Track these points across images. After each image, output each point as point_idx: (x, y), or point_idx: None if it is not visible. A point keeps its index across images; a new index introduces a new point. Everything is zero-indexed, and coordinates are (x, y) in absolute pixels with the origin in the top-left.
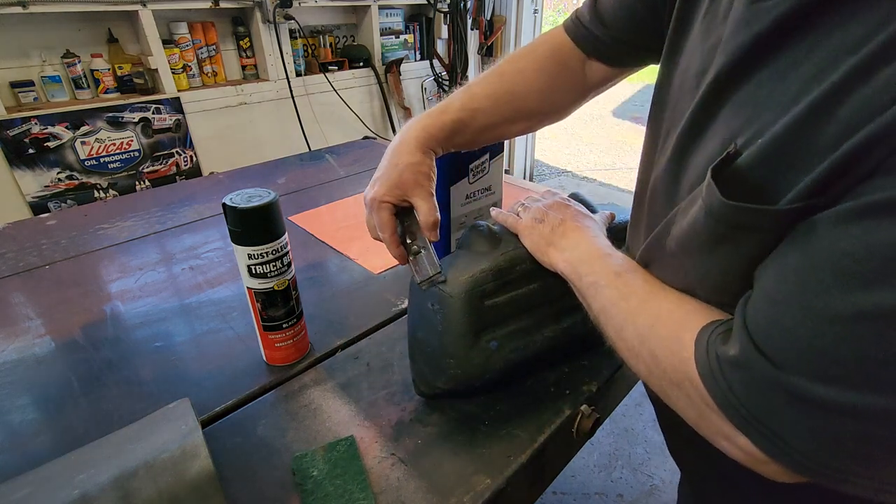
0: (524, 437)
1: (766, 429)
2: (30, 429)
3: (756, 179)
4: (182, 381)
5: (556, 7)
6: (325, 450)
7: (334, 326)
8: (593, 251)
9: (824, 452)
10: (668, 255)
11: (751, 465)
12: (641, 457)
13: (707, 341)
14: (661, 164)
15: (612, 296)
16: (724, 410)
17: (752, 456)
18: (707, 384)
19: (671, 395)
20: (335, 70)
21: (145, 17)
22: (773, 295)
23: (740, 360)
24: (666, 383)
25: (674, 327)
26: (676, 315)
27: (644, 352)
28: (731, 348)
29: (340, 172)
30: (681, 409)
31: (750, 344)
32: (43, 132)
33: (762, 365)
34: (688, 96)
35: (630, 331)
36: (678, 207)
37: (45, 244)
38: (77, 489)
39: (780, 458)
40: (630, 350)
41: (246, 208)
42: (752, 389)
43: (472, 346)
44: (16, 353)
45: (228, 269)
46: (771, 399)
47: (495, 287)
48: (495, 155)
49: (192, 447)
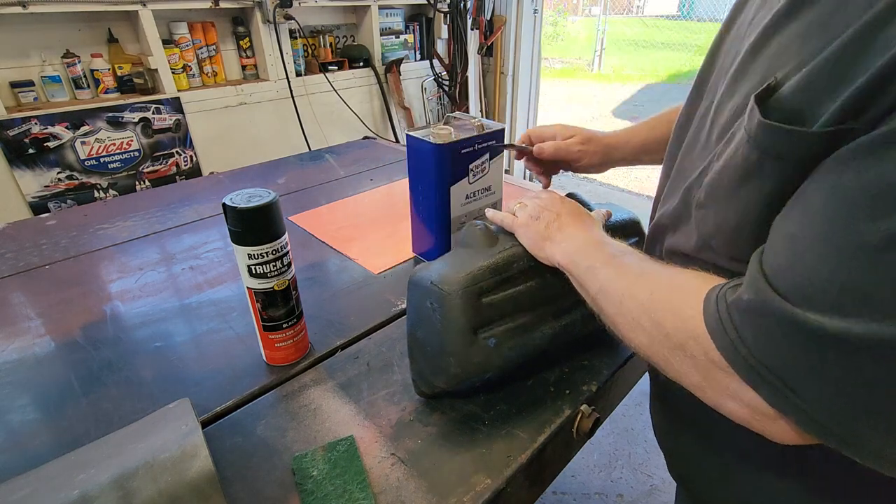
0: (524, 437)
1: (777, 379)
2: (30, 429)
3: (794, 107)
4: (182, 381)
5: (556, 7)
6: (325, 450)
7: (334, 326)
8: (589, 240)
9: (835, 403)
10: (695, 208)
11: (757, 424)
12: (641, 457)
13: (716, 296)
14: (698, 118)
15: (609, 275)
16: (732, 363)
17: (759, 412)
18: (715, 337)
19: (673, 362)
20: (335, 70)
21: (145, 17)
22: (795, 234)
23: (754, 303)
24: (668, 349)
25: (676, 292)
26: (678, 281)
27: (645, 320)
28: (744, 294)
29: (340, 172)
30: (683, 375)
31: (766, 286)
32: (43, 132)
33: (778, 305)
34: (734, 50)
35: (630, 303)
36: (715, 152)
37: (45, 244)
38: (77, 489)
39: (789, 412)
40: (631, 322)
41: (246, 208)
42: (764, 335)
43: (471, 344)
44: (16, 353)
45: (228, 269)
46: (784, 343)
47: (493, 284)
48: (495, 155)
49: (192, 447)
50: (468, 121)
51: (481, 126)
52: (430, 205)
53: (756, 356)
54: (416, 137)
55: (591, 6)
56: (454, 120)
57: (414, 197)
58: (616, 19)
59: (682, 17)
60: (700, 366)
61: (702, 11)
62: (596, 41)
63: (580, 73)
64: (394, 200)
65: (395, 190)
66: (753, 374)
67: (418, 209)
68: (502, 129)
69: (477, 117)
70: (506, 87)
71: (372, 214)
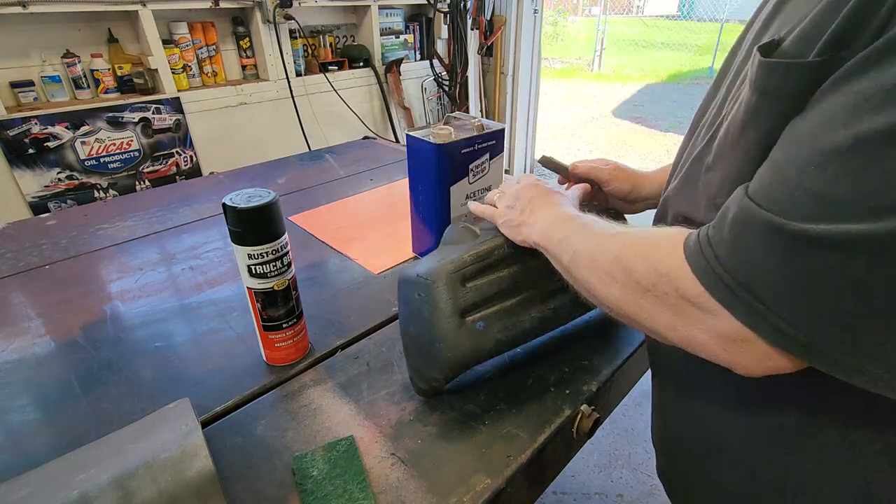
0: (524, 437)
1: (751, 295)
2: (30, 429)
3: (793, 53)
4: (182, 381)
5: (556, 7)
6: (324, 449)
7: (334, 326)
8: (560, 216)
9: (810, 314)
10: (704, 172)
11: (725, 355)
12: (641, 457)
13: (697, 232)
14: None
15: (580, 239)
16: (705, 284)
17: (728, 339)
18: (691, 262)
19: (645, 306)
20: (335, 70)
21: (145, 17)
22: (779, 157)
23: (737, 216)
24: (640, 294)
25: (647, 240)
26: (649, 232)
27: (617, 270)
28: (728, 212)
29: (340, 172)
30: (655, 318)
31: (749, 202)
32: (43, 132)
33: (759, 214)
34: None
35: (601, 258)
36: (722, 115)
37: (45, 244)
38: (77, 489)
39: (763, 329)
40: (603, 277)
41: (246, 208)
42: (742, 248)
43: (460, 328)
44: (16, 353)
45: (228, 269)
46: (760, 253)
47: (475, 270)
48: (495, 155)
49: (192, 447)
50: (468, 121)
51: (481, 126)
52: (430, 205)
53: (730, 272)
54: (416, 137)
55: (591, 6)
56: (454, 120)
57: (414, 197)
58: (616, 19)
59: (682, 17)
60: (670, 303)
61: (702, 11)
62: (596, 41)
63: (580, 73)
64: (394, 200)
65: (395, 190)
66: (728, 293)
67: (418, 209)
68: (502, 129)
69: (477, 117)
70: (506, 87)
71: (372, 214)
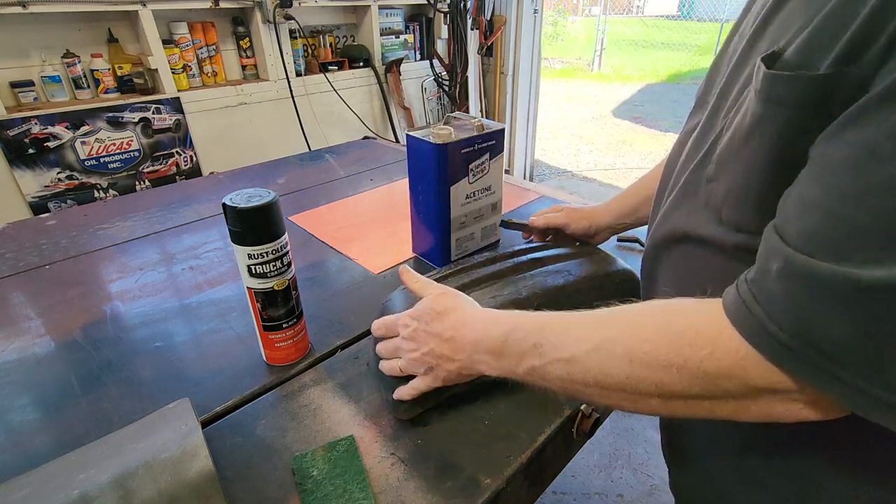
0: (524, 437)
1: (814, 350)
2: (30, 429)
3: (798, 64)
4: (182, 381)
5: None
6: (324, 449)
7: (334, 326)
8: (489, 328)
9: (874, 364)
10: (706, 182)
11: (809, 413)
12: (641, 457)
13: (735, 286)
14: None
15: (553, 352)
16: (758, 346)
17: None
18: (740, 323)
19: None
20: (335, 70)
21: (145, 17)
22: (815, 196)
23: (784, 269)
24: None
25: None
26: (654, 319)
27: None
28: (770, 265)
29: (340, 172)
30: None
31: (793, 251)
32: (43, 132)
33: (812, 265)
34: (738, 46)
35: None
36: (723, 125)
37: (45, 244)
38: (77, 489)
39: (830, 387)
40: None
41: (246, 208)
42: (796, 302)
43: None
44: (16, 353)
45: (228, 269)
46: (821, 306)
47: None
48: (495, 155)
49: (192, 447)
50: (468, 121)
51: (481, 126)
52: (430, 205)
53: (787, 329)
54: (416, 137)
55: (591, 6)
56: (454, 120)
57: (414, 197)
58: (616, 19)
59: (682, 17)
60: (736, 396)
61: (702, 11)
62: (596, 41)
63: (580, 73)
64: (394, 200)
65: (395, 190)
66: (785, 351)
67: (418, 209)
68: (502, 129)
69: (477, 117)
70: (506, 87)
71: (372, 214)
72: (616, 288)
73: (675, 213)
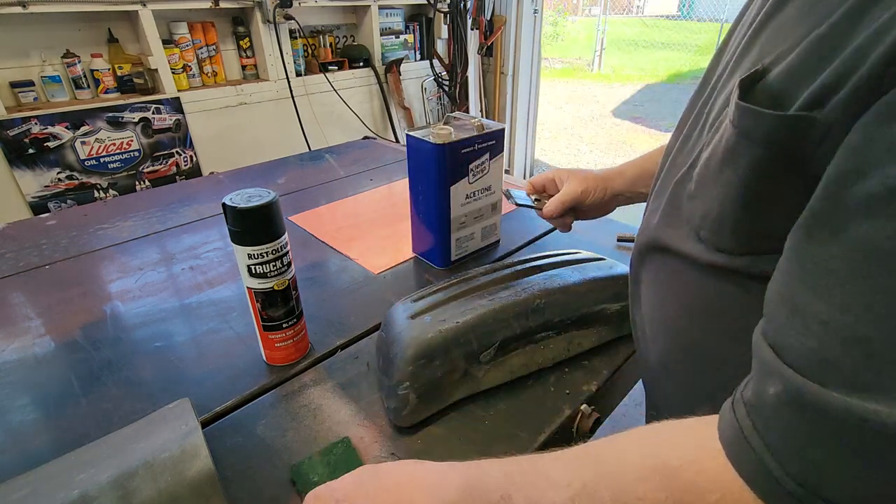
0: (524, 437)
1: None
2: (30, 429)
3: (778, 91)
4: (182, 381)
5: (556, 7)
6: (321, 454)
7: (334, 326)
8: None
9: None
10: (687, 199)
11: None
12: None
13: (731, 403)
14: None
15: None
16: (755, 487)
17: None
18: (735, 456)
19: None
20: (335, 70)
21: (145, 17)
22: (804, 299)
23: (784, 396)
24: None
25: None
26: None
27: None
28: (768, 387)
29: (340, 172)
30: None
31: (793, 373)
32: (43, 132)
33: (822, 396)
34: (736, 44)
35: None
36: (704, 142)
37: (45, 244)
38: (77, 489)
39: None
40: None
41: (246, 208)
42: (799, 437)
43: (409, 327)
44: (16, 353)
45: (228, 269)
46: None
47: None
48: (495, 155)
49: (192, 447)
50: (468, 121)
51: (481, 126)
52: (430, 205)
53: (793, 475)
54: (416, 137)
55: (591, 6)
56: (454, 120)
57: (414, 197)
58: (616, 19)
59: (682, 17)
60: None
61: (702, 11)
62: (596, 41)
63: (580, 73)
64: (394, 200)
65: (395, 190)
66: (787, 498)
67: (418, 209)
68: (502, 128)
69: (477, 117)
70: (506, 87)
71: (372, 214)
72: (618, 289)
73: (657, 223)
